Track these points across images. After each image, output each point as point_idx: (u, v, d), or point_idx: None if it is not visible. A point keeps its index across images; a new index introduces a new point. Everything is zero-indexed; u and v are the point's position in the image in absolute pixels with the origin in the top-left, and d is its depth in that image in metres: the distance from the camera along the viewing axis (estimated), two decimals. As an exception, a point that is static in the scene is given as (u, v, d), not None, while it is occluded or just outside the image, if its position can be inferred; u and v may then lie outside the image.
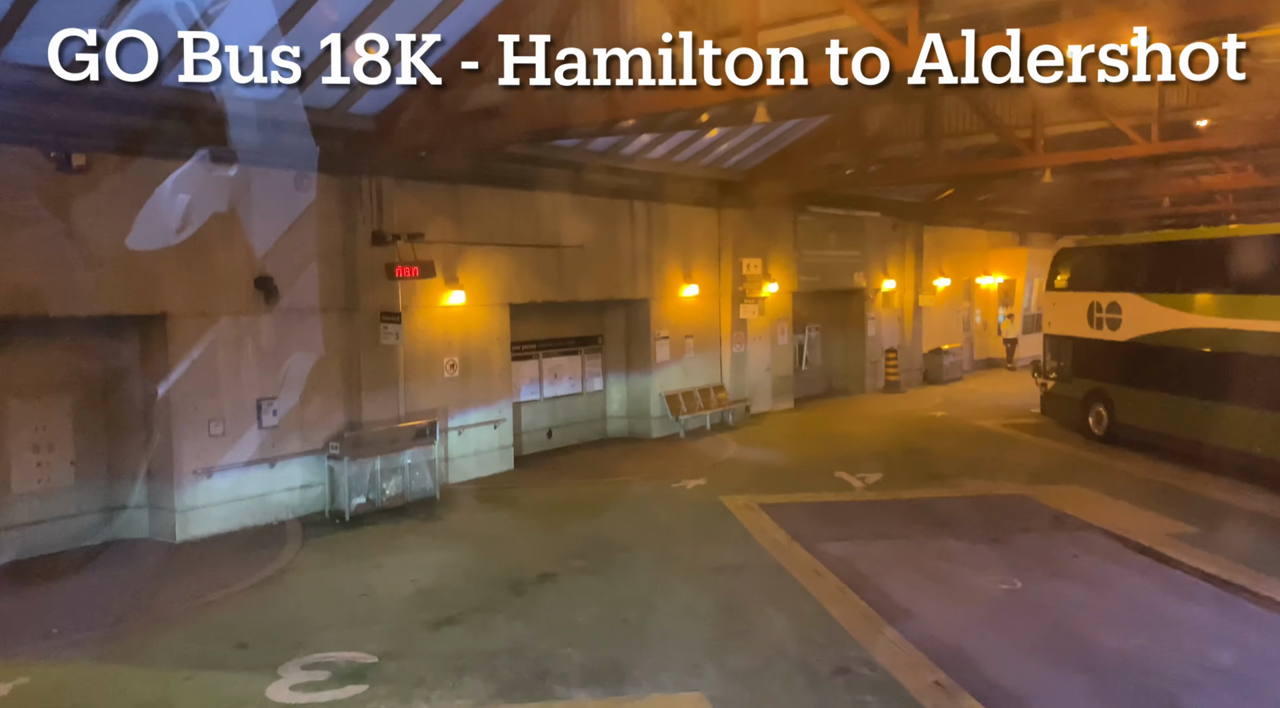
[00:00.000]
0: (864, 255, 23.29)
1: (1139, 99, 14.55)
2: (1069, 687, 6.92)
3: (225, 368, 11.03)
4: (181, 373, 10.59)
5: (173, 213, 10.15)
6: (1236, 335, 13.47)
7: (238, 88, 9.54)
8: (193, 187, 10.22)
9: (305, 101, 11.01)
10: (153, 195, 9.95)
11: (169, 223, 10.12)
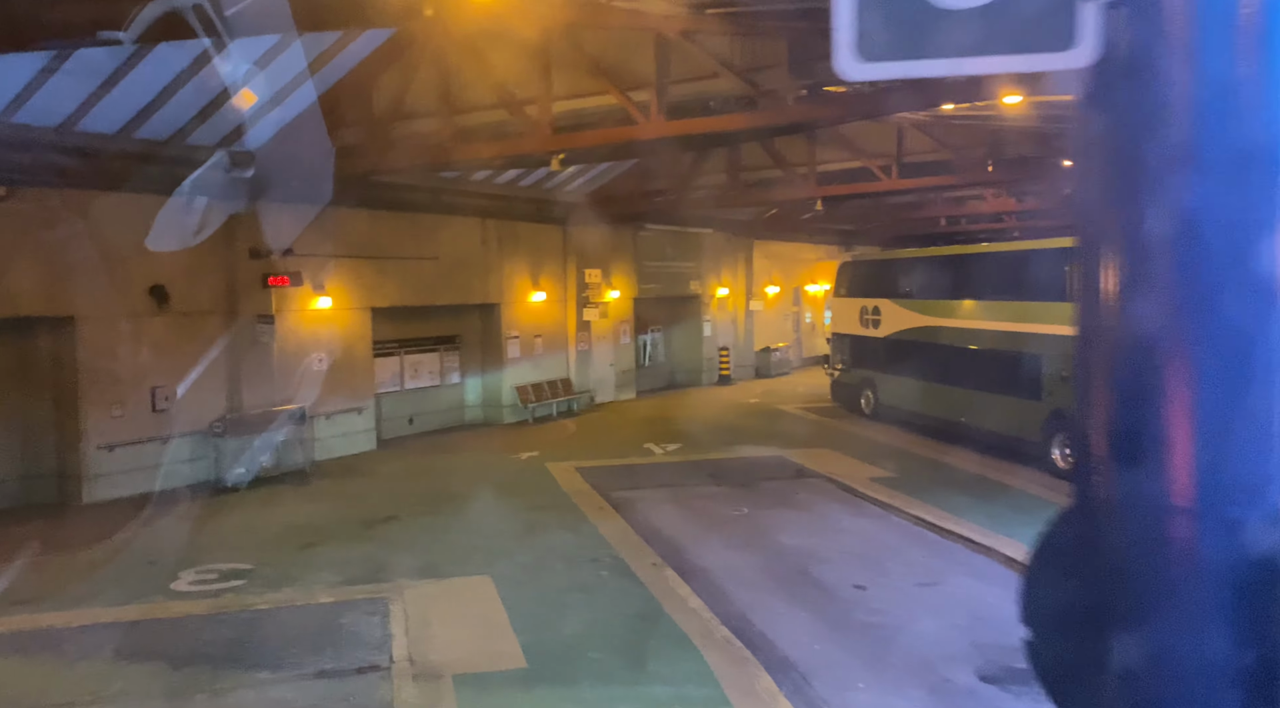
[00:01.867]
0: (700, 266, 26.79)
1: (884, 143, 18.33)
2: (744, 565, 10.17)
3: (124, 361, 13.31)
4: (87, 365, 12.85)
5: (80, 233, 12.43)
6: (959, 332, 17.35)
7: (139, 131, 12.06)
8: (99, 211, 12.53)
9: (193, 139, 13.49)
10: (64, 220, 12.22)
11: (77, 240, 12.40)
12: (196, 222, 13.58)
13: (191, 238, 13.01)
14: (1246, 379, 1.64)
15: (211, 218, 14.25)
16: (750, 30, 10.45)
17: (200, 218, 13.82)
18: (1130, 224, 1.70)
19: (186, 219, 13.82)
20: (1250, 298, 1.62)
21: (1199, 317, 1.65)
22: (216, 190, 14.16)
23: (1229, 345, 1.63)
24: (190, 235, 12.94)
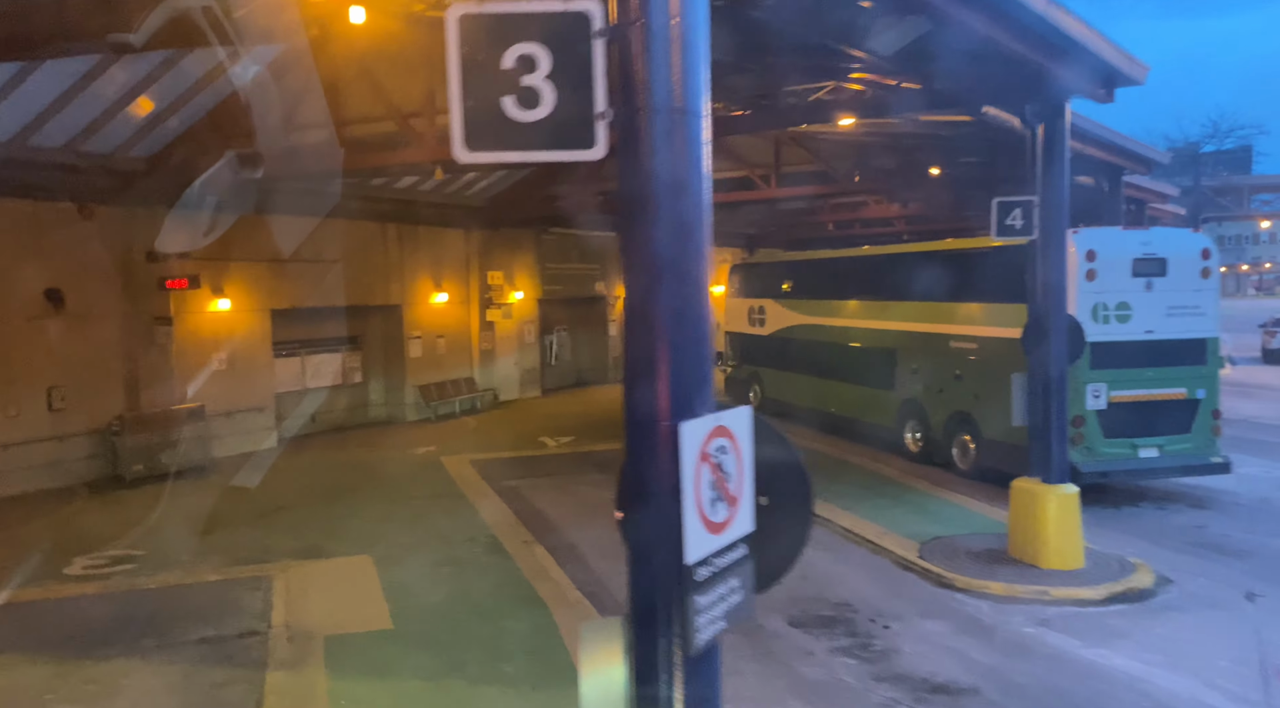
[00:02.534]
0: (604, 268, 27.81)
1: (765, 155, 19.65)
2: (611, 541, 11.18)
3: (20, 362, 13.65)
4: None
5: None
6: (828, 329, 18.73)
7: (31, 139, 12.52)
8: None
9: (89, 147, 13.92)
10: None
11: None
12: (91, 225, 14.03)
13: (87, 240, 13.45)
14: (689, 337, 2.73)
15: (107, 221, 14.69)
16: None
17: (94, 222, 14.27)
18: (636, 250, 2.78)
19: (83, 224, 14.26)
20: (684, 290, 2.70)
21: (662, 301, 2.73)
22: (110, 196, 14.62)
23: (678, 318, 2.72)
24: (84, 238, 13.38)
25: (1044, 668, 7.47)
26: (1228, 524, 11.50)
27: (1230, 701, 6.79)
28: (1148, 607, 8.79)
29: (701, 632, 2.61)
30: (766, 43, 7.90)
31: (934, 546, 10.58)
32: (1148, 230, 13.49)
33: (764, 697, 7.06)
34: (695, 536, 2.58)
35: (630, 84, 2.63)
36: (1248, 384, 25.79)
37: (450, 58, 2.65)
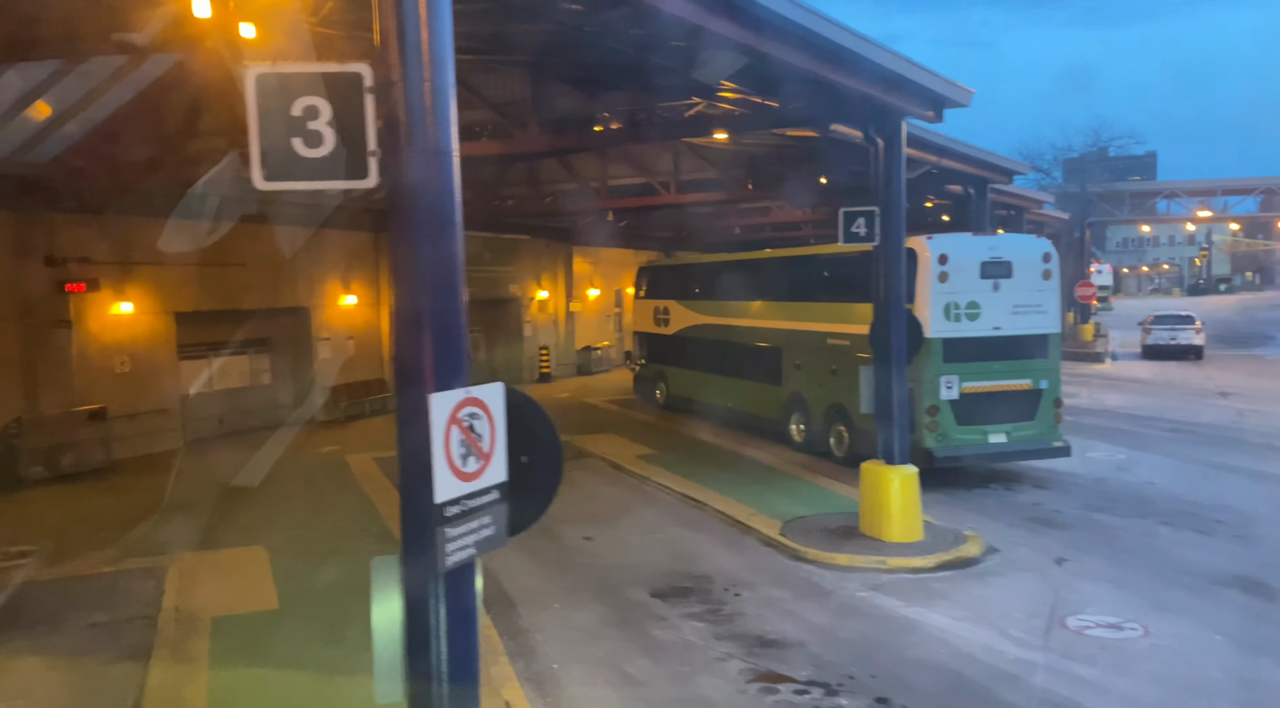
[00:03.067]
0: (518, 270, 28.43)
1: (666, 162, 20.56)
2: (497, 528, 11.91)
3: (-90, 365, 13.69)
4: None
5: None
6: (725, 329, 19.71)
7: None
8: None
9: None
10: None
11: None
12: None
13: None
14: (446, 331, 3.47)
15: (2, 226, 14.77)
16: (497, 69, 12.21)
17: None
18: (402, 261, 3.51)
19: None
20: (442, 294, 3.45)
21: (426, 302, 3.47)
22: (7, 200, 14.71)
23: (437, 317, 3.46)
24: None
25: (866, 625, 8.44)
26: (1061, 501, 12.75)
27: (1015, 645, 7.84)
28: (970, 572, 9.86)
29: (450, 556, 3.36)
30: (614, 65, 8.71)
31: (796, 524, 11.54)
32: (995, 236, 14.75)
33: (616, 655, 7.84)
34: (444, 481, 3.33)
35: (394, 129, 3.36)
36: (1119, 378, 27.78)
37: (249, 106, 3.35)
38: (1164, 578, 9.48)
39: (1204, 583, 9.30)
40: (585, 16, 6.97)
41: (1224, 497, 12.75)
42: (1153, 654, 7.63)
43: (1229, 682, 7.09)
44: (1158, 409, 20.91)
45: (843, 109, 10.60)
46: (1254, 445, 16.37)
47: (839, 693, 7.02)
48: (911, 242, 13.92)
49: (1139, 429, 18.34)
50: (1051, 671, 7.33)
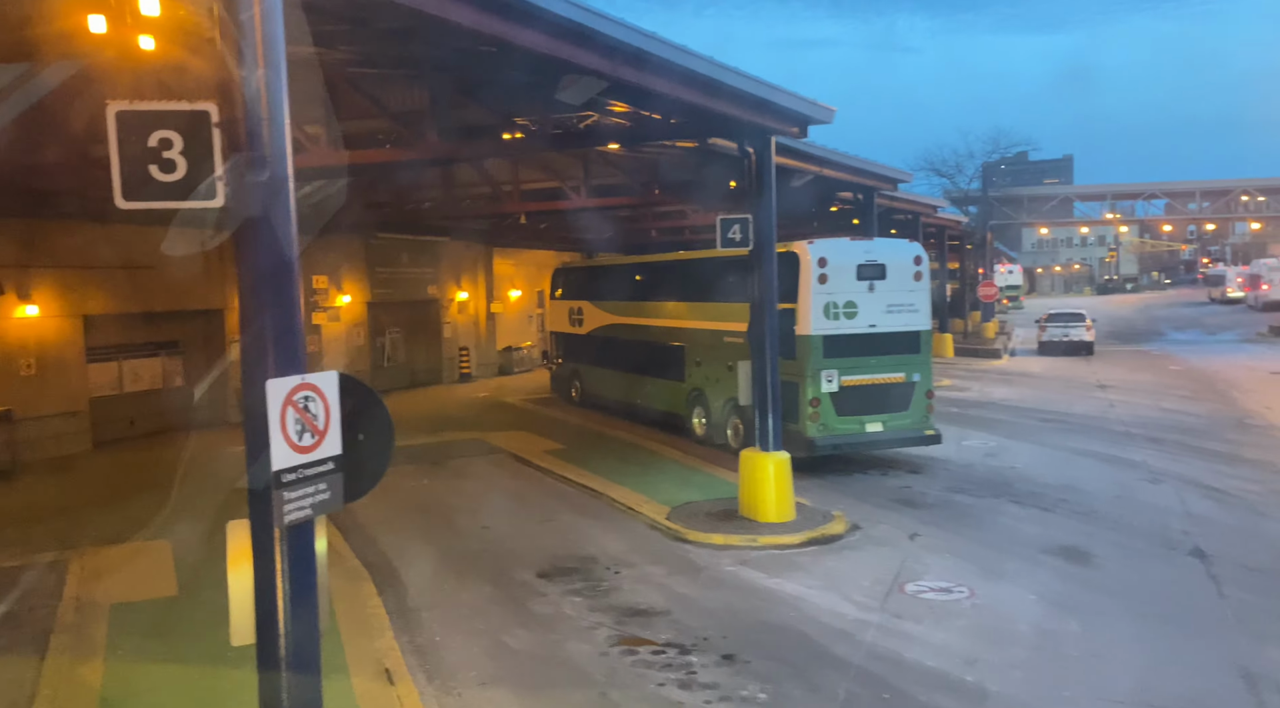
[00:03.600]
0: (437, 271, 28.82)
1: (576, 168, 21.24)
2: (401, 520, 12.47)
3: None
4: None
5: None
6: (634, 328, 20.51)
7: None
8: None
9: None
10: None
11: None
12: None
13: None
14: (283, 330, 4.12)
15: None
16: (398, 82, 12.76)
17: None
18: (245, 269, 4.15)
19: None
20: (280, 297, 4.10)
21: (267, 305, 4.11)
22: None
23: (277, 318, 4.11)
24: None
25: (728, 595, 9.29)
26: (928, 485, 13.86)
27: (856, 609, 8.76)
28: (832, 547, 10.81)
29: (288, 515, 4.02)
30: (502, 82, 9.40)
31: (682, 509, 12.37)
32: (871, 241, 15.83)
33: (495, 627, 8.53)
34: (281, 453, 3.98)
35: (238, 158, 4.00)
36: (1012, 373, 29.45)
37: (110, 138, 3.96)
38: (1000, 549, 10.57)
39: (1033, 552, 10.40)
40: (460, 46, 7.64)
41: (1075, 479, 14.01)
42: (973, 612, 8.63)
43: (1030, 633, 8.12)
44: (1039, 401, 22.41)
45: (716, 125, 11.46)
46: (1115, 433, 17.82)
47: (691, 652, 7.83)
48: (794, 246, 14.95)
49: (1016, 420, 19.72)
50: (882, 628, 8.26)
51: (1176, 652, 7.69)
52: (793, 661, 7.65)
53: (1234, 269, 74.34)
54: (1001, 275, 63.13)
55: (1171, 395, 23.03)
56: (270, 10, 4.02)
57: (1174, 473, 14.17)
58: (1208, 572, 9.60)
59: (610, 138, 13.67)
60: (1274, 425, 18.43)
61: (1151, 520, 11.60)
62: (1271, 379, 26.44)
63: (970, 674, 7.27)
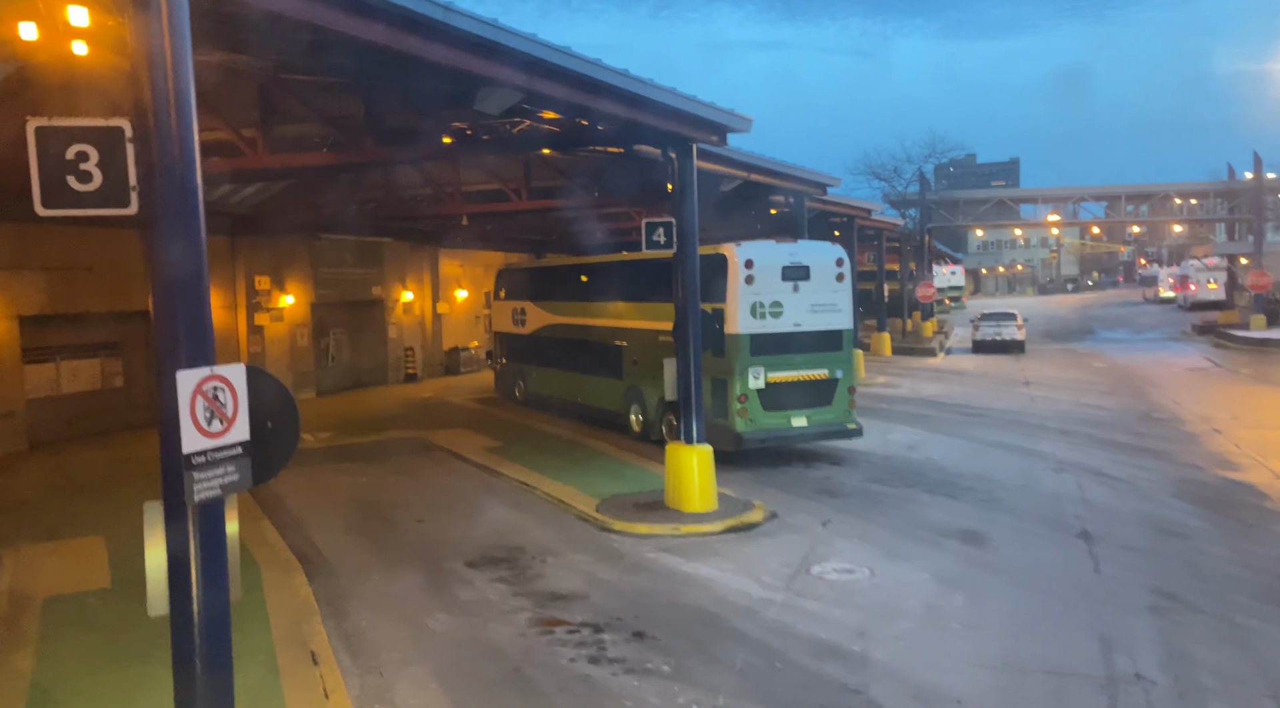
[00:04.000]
0: (382, 272, 28.98)
1: (517, 171, 21.64)
2: (336, 515, 12.79)
3: None
4: None
5: None
6: (575, 328, 20.96)
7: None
8: None
9: None
10: None
11: None
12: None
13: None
14: (194, 327, 4.53)
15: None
16: (333, 89, 13.07)
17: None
18: (157, 269, 4.55)
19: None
20: (190, 298, 4.51)
21: (178, 305, 4.51)
22: None
23: (187, 316, 4.52)
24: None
25: (646, 579, 9.81)
26: (848, 476, 14.54)
27: (763, 589, 9.34)
28: (749, 534, 11.39)
29: (198, 494, 4.43)
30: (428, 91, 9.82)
31: (611, 501, 12.86)
32: (795, 243, 16.50)
33: (421, 613, 8.93)
34: (191, 437, 4.39)
35: (149, 168, 4.41)
36: (945, 370, 30.49)
37: (31, 151, 4.34)
38: (904, 534, 11.24)
39: (935, 536, 11.09)
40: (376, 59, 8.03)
41: (986, 469, 14.80)
42: (870, 591, 9.27)
43: (919, 608, 8.76)
44: (965, 397, 23.35)
45: (640, 133, 11.99)
46: (1030, 427, 18.74)
47: (604, 631, 8.33)
48: (722, 248, 15.55)
49: (941, 415, 20.58)
50: (784, 606, 8.85)
51: (1047, 622, 8.39)
52: (698, 637, 8.19)
53: (1165, 270, 77.34)
54: (944, 276, 64.85)
55: (1090, 391, 24.15)
56: (178, 31, 4.42)
57: (1077, 463, 15.05)
58: (1090, 552, 10.37)
59: (542, 143, 14.12)
60: (1179, 418, 19.52)
61: (1048, 506, 12.39)
62: (1186, 375, 27.80)
63: (858, 645, 7.87)
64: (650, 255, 19.38)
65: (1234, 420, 18.89)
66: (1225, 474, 14.14)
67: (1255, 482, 13.55)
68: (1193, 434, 17.55)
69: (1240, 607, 8.60)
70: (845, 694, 6.98)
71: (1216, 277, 55.30)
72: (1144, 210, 44.53)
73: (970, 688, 7.03)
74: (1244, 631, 8.07)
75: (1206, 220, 49.09)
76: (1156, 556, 10.27)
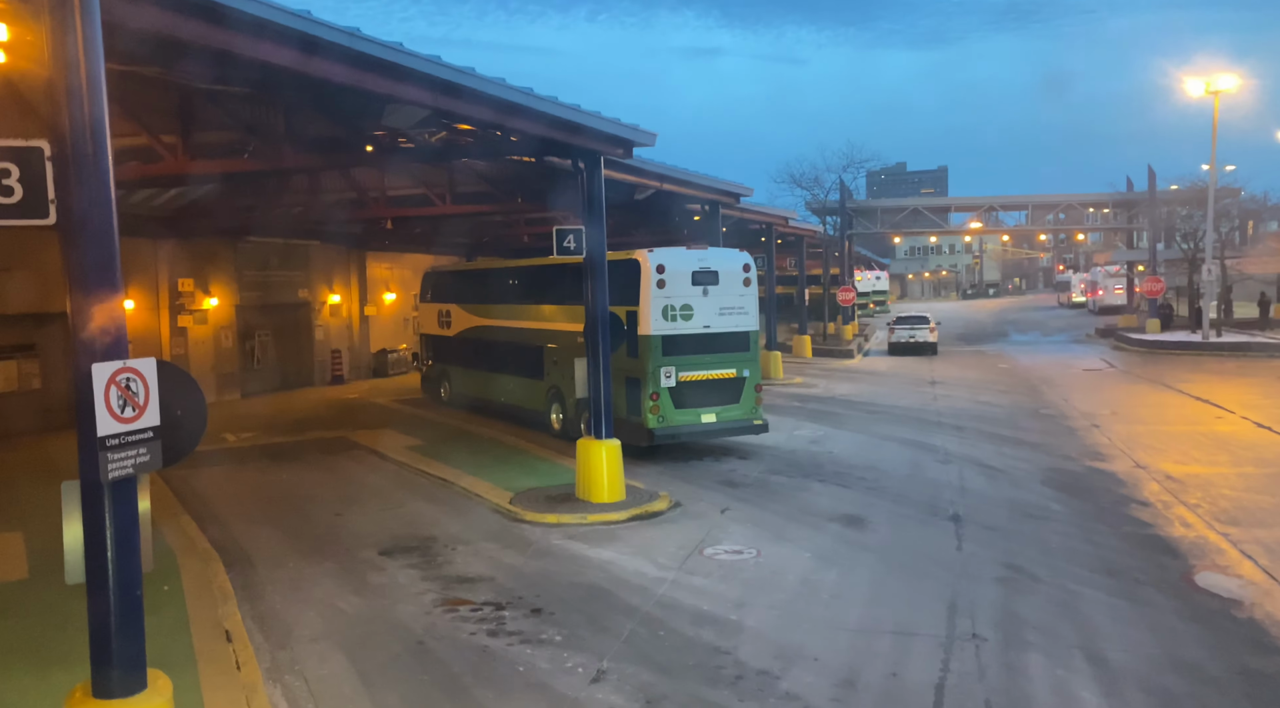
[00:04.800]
0: (309, 275, 29.10)
1: (441, 176, 22.13)
2: (256, 509, 13.19)
3: None
4: None
5: None
6: (498, 330, 21.52)
7: None
8: None
9: None
10: None
11: None
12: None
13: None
14: (108, 323, 5.10)
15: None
16: (254, 100, 13.48)
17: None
18: (73, 276, 5.10)
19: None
20: (104, 295, 5.08)
21: (93, 304, 5.07)
22: None
23: (103, 314, 5.09)
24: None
25: (549, 563, 10.51)
26: (752, 468, 15.45)
27: (657, 569, 10.12)
28: (652, 522, 12.18)
29: (111, 473, 4.99)
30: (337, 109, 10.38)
31: (525, 494, 13.52)
32: (705, 249, 17.35)
33: (332, 595, 9.48)
34: (105, 422, 4.95)
35: (65, 182, 4.96)
36: (860, 371, 31.85)
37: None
38: (794, 519, 12.16)
39: (820, 520, 12.04)
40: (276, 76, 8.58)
41: (878, 461, 15.88)
42: (754, 569, 10.12)
43: (795, 583, 9.64)
44: (874, 396, 24.60)
45: (551, 146, 12.70)
46: (928, 423, 19.97)
47: (505, 609, 9.00)
48: (635, 254, 16.35)
49: (848, 412, 21.73)
50: (674, 584, 9.64)
51: (905, 592, 9.34)
52: (591, 611, 8.92)
53: (1078, 276, 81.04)
54: (868, 281, 66.96)
55: (989, 390, 25.64)
56: (92, 52, 4.97)
57: (963, 455, 16.24)
58: (956, 532, 11.42)
59: (460, 153, 14.72)
60: (1064, 414, 20.99)
61: (929, 493, 13.47)
62: (1083, 375, 29.62)
63: (735, 614, 8.71)
64: (571, 260, 20.19)
65: (1113, 416, 20.42)
66: (1092, 464, 15.45)
67: (1117, 470, 14.87)
68: (1073, 429, 18.96)
69: (1075, 576, 9.68)
70: (716, 655, 7.79)
71: (1121, 282, 58.41)
72: (1061, 218, 46.94)
73: (827, 647, 7.91)
74: (1073, 596, 9.13)
75: (1111, 229, 51.88)
76: (1013, 535, 11.36)
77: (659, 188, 18.00)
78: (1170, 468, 14.78)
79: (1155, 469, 14.75)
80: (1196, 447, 16.57)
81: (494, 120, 10.05)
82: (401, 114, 9.13)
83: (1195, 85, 32.80)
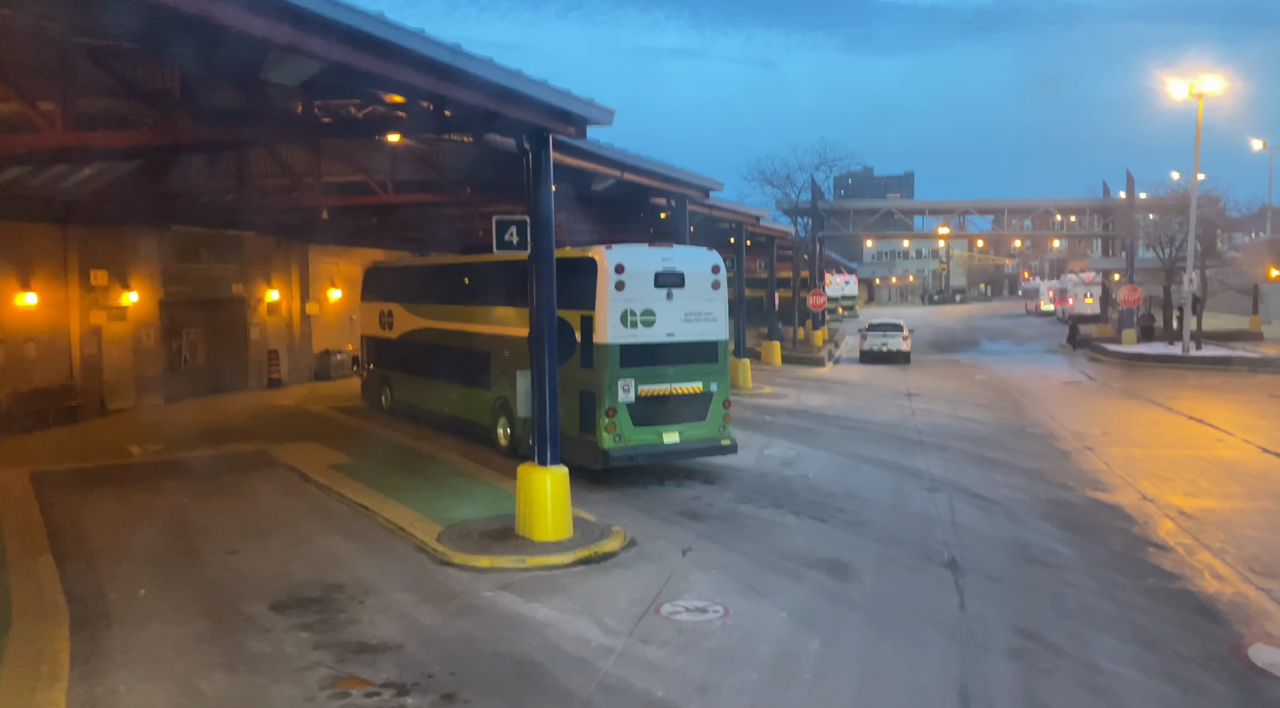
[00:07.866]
0: (243, 268, 26.87)
1: (384, 163, 20.17)
2: (137, 545, 11.18)
3: None
4: None
5: None
6: (441, 333, 19.60)
7: None
8: None
9: None
10: None
11: None
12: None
13: None
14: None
15: None
16: (145, 57, 11.49)
17: None
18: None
19: None
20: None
21: None
22: None
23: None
24: None
25: (473, 624, 8.68)
26: (718, 495, 13.73)
27: (604, 634, 8.34)
28: (601, 566, 10.39)
29: None
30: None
31: (455, 529, 11.66)
32: (669, 248, 15.59)
33: (195, 672, 7.57)
34: None
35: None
36: (831, 381, 30.34)
37: None
38: (767, 563, 10.45)
39: (798, 566, 10.33)
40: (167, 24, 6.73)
41: (858, 487, 14.25)
42: (721, 633, 8.38)
43: (770, 654, 7.92)
44: (848, 409, 23.04)
45: (494, 121, 10.87)
46: (908, 441, 18.40)
47: (410, 693, 7.17)
48: (591, 251, 14.56)
49: (822, 428, 20.12)
50: (623, 655, 7.86)
51: (904, 670, 7.66)
52: (517, 696, 7.13)
53: (1046, 284, 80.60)
54: (838, 285, 65.75)
55: (969, 404, 24.21)
56: None
57: (950, 481, 14.65)
58: (956, 583, 9.77)
59: (390, 128, 12.82)
60: (1053, 433, 19.56)
61: (918, 530, 11.84)
62: (1064, 389, 28.37)
63: (696, 704, 6.96)
64: (520, 256, 18.29)
65: (1105, 437, 19.02)
66: (1094, 495, 13.94)
67: (1123, 504, 13.36)
68: (1065, 452, 17.50)
69: (1104, 649, 8.06)
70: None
71: (1093, 291, 57.66)
72: (1027, 224, 45.91)
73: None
74: (1106, 678, 7.51)
75: (1084, 236, 51.03)
76: (1022, 588, 9.75)
77: (620, 177, 16.23)
78: (1181, 502, 13.31)
79: (1165, 503, 13.27)
80: (1203, 475, 15.15)
81: (424, 87, 8.23)
82: (286, 67, 7.27)
83: (1179, 87, 31.76)
